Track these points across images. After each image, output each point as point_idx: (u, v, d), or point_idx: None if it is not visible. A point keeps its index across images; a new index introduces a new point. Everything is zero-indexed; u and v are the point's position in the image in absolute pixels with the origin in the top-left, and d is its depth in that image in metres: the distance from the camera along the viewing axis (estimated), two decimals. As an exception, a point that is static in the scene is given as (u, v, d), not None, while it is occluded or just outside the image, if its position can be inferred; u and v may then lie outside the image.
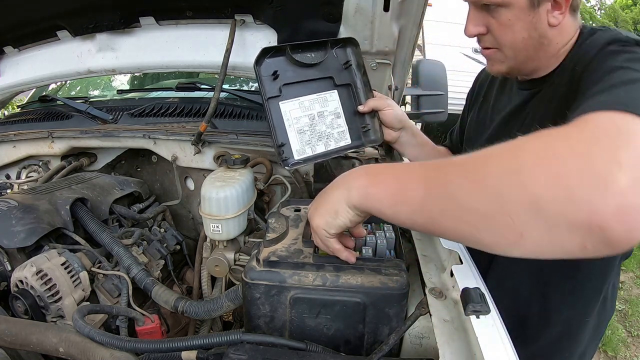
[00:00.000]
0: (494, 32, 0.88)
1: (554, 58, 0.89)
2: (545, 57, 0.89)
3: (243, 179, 1.00)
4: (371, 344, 0.67)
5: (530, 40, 0.85)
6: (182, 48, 1.30)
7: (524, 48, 0.87)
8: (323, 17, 1.10)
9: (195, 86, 1.61)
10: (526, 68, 0.92)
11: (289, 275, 0.66)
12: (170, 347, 0.67)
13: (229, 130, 1.31)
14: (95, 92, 2.20)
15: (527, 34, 0.85)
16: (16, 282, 0.87)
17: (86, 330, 0.70)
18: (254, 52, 1.25)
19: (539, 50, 0.87)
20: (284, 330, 0.68)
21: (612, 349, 2.53)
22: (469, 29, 0.90)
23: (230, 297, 0.87)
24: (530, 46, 0.86)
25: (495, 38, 0.89)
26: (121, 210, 1.17)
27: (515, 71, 0.94)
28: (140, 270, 0.99)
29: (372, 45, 1.12)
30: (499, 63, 0.93)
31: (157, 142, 1.34)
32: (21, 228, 0.91)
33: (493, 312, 0.55)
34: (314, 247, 0.72)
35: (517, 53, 0.88)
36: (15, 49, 1.44)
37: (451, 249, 0.69)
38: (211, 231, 0.96)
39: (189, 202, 1.47)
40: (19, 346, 0.73)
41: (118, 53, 1.34)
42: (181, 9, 1.24)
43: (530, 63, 0.90)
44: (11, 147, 1.49)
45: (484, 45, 0.93)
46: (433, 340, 0.64)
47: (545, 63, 0.90)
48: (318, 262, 0.68)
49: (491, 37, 0.89)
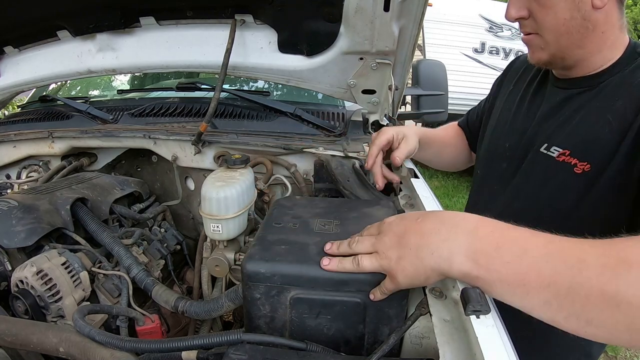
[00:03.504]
0: (536, 15, 0.85)
1: (599, 54, 0.86)
2: (590, 46, 0.85)
3: (243, 179, 1.00)
4: (371, 344, 0.67)
5: (573, 22, 0.81)
6: (182, 48, 1.30)
7: (567, 31, 0.83)
8: (323, 17, 1.10)
9: (195, 86, 1.61)
10: (570, 57, 0.87)
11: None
12: (170, 347, 0.67)
13: (229, 130, 1.31)
14: (95, 92, 2.20)
15: (569, 15, 0.81)
16: (16, 282, 0.87)
17: (86, 330, 0.70)
18: (254, 52, 1.27)
19: (584, 36, 0.83)
20: (284, 330, 0.68)
21: (612, 349, 2.53)
22: (510, 12, 0.88)
23: (231, 297, 0.87)
24: (574, 29, 0.82)
25: (536, 21, 0.85)
26: (121, 210, 1.18)
27: (559, 60, 0.89)
28: (141, 270, 0.99)
29: (372, 45, 1.11)
30: (539, 50, 0.89)
31: (157, 142, 1.35)
32: (21, 228, 0.91)
33: (493, 312, 0.55)
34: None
35: (559, 37, 0.84)
36: (16, 49, 1.44)
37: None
38: (211, 231, 0.96)
39: (189, 202, 1.47)
40: (19, 346, 0.73)
41: (118, 53, 1.34)
42: (181, 9, 1.24)
43: (574, 51, 0.86)
44: (11, 147, 1.49)
45: (525, 30, 0.89)
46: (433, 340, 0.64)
47: (589, 56, 0.86)
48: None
49: (532, 22, 0.86)
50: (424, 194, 0.92)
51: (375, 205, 0.89)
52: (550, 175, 0.92)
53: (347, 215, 0.82)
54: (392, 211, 0.86)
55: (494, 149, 1.12)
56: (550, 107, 0.96)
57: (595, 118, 0.85)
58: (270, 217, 0.82)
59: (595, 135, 0.84)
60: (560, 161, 0.89)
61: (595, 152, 0.84)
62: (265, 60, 1.25)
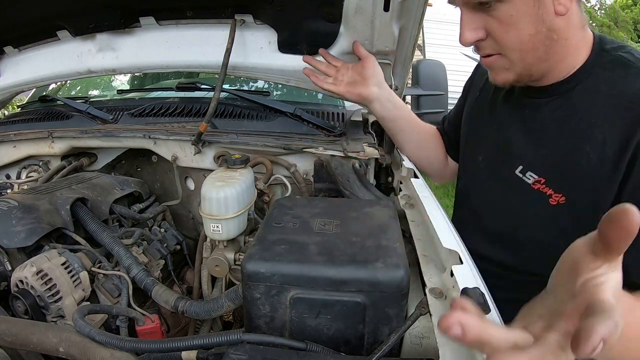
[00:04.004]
0: (496, 34, 0.76)
1: (565, 61, 0.79)
2: (556, 57, 0.78)
3: (243, 179, 1.00)
4: (371, 344, 0.67)
5: (539, 36, 0.74)
6: (182, 48, 1.30)
7: (533, 47, 0.76)
8: (323, 17, 1.10)
9: (195, 86, 1.61)
10: (537, 71, 0.81)
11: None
12: (170, 347, 0.67)
13: (229, 130, 1.31)
14: (95, 92, 2.20)
15: (534, 30, 0.74)
16: (16, 282, 0.87)
17: (86, 330, 0.70)
18: (254, 52, 1.27)
19: (550, 48, 0.76)
20: (284, 330, 0.68)
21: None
22: (466, 36, 0.78)
23: (231, 297, 0.87)
24: (540, 43, 0.75)
25: (497, 41, 0.77)
26: (121, 210, 1.18)
27: (525, 77, 0.82)
28: (141, 270, 0.99)
29: (372, 45, 1.12)
30: (504, 71, 0.81)
31: (157, 142, 1.35)
32: (21, 228, 0.91)
33: (493, 312, 0.55)
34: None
35: (524, 55, 0.77)
36: (16, 49, 1.44)
37: (451, 249, 0.69)
38: (211, 231, 0.96)
39: (189, 202, 1.47)
40: (19, 346, 0.73)
41: (118, 53, 1.34)
42: (181, 9, 1.24)
43: (540, 65, 0.79)
44: (11, 147, 1.49)
45: (484, 52, 0.81)
46: (433, 340, 0.65)
47: (555, 65, 0.80)
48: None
49: (492, 42, 0.78)
50: (424, 194, 0.92)
51: (375, 205, 0.89)
52: (527, 203, 0.87)
53: (347, 215, 0.83)
54: (392, 211, 0.86)
55: (468, 160, 1.07)
56: (521, 119, 0.90)
57: (571, 143, 0.79)
58: (270, 217, 0.82)
59: (572, 166, 0.79)
60: (535, 189, 0.84)
61: (572, 184, 0.79)
62: (265, 60, 1.25)
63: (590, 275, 0.40)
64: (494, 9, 0.73)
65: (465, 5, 0.77)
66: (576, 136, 0.79)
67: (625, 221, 0.36)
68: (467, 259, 0.68)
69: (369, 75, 1.09)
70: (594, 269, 0.40)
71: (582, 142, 0.78)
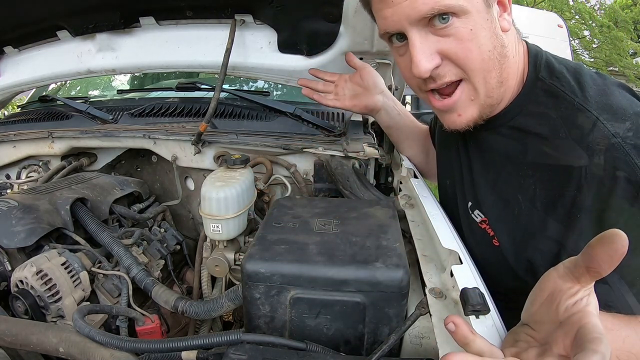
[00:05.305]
0: (457, 55, 0.67)
1: (507, 84, 0.72)
2: (508, 77, 0.71)
3: (243, 179, 1.00)
4: (371, 344, 0.67)
5: (496, 52, 0.67)
6: (182, 48, 1.30)
7: (493, 66, 0.68)
8: (323, 17, 1.10)
9: (195, 86, 1.61)
10: (495, 99, 0.73)
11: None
12: (170, 347, 0.67)
13: (229, 130, 1.31)
14: (95, 92, 2.20)
15: (491, 45, 0.67)
16: (16, 282, 0.87)
17: (86, 330, 0.70)
18: (254, 52, 1.27)
19: (504, 68, 0.69)
20: (284, 330, 0.68)
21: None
22: (423, 63, 0.67)
23: (230, 297, 0.87)
24: (497, 61, 0.68)
25: (458, 63, 0.68)
26: (121, 210, 1.18)
27: (487, 109, 0.74)
28: (140, 270, 0.99)
29: (372, 45, 1.12)
30: (469, 104, 0.72)
31: (157, 142, 1.35)
32: (21, 228, 0.91)
33: (493, 312, 0.55)
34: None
35: (487, 76, 0.68)
36: (16, 49, 1.44)
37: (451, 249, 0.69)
38: (211, 231, 0.96)
39: (189, 202, 1.47)
40: (19, 346, 0.73)
41: (118, 53, 1.34)
42: (181, 9, 1.24)
43: (499, 90, 0.71)
44: (11, 147, 1.49)
45: (443, 80, 0.70)
46: (433, 340, 0.65)
47: (505, 91, 0.73)
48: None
49: (451, 66, 0.69)
50: (424, 194, 0.92)
51: (375, 206, 0.89)
52: (477, 241, 0.84)
53: (347, 215, 0.83)
54: (392, 211, 0.86)
55: (440, 178, 1.05)
56: (466, 152, 0.86)
57: (507, 188, 0.76)
58: (270, 217, 0.82)
59: (506, 213, 0.77)
60: (482, 228, 0.82)
61: (505, 231, 0.77)
62: (265, 60, 1.25)
63: (571, 301, 0.44)
64: (450, 27, 0.65)
65: (415, 25, 0.66)
66: (510, 182, 0.75)
67: (617, 243, 0.40)
68: (467, 259, 0.68)
69: (371, 85, 1.09)
70: (572, 295, 0.44)
71: (516, 188, 0.74)
